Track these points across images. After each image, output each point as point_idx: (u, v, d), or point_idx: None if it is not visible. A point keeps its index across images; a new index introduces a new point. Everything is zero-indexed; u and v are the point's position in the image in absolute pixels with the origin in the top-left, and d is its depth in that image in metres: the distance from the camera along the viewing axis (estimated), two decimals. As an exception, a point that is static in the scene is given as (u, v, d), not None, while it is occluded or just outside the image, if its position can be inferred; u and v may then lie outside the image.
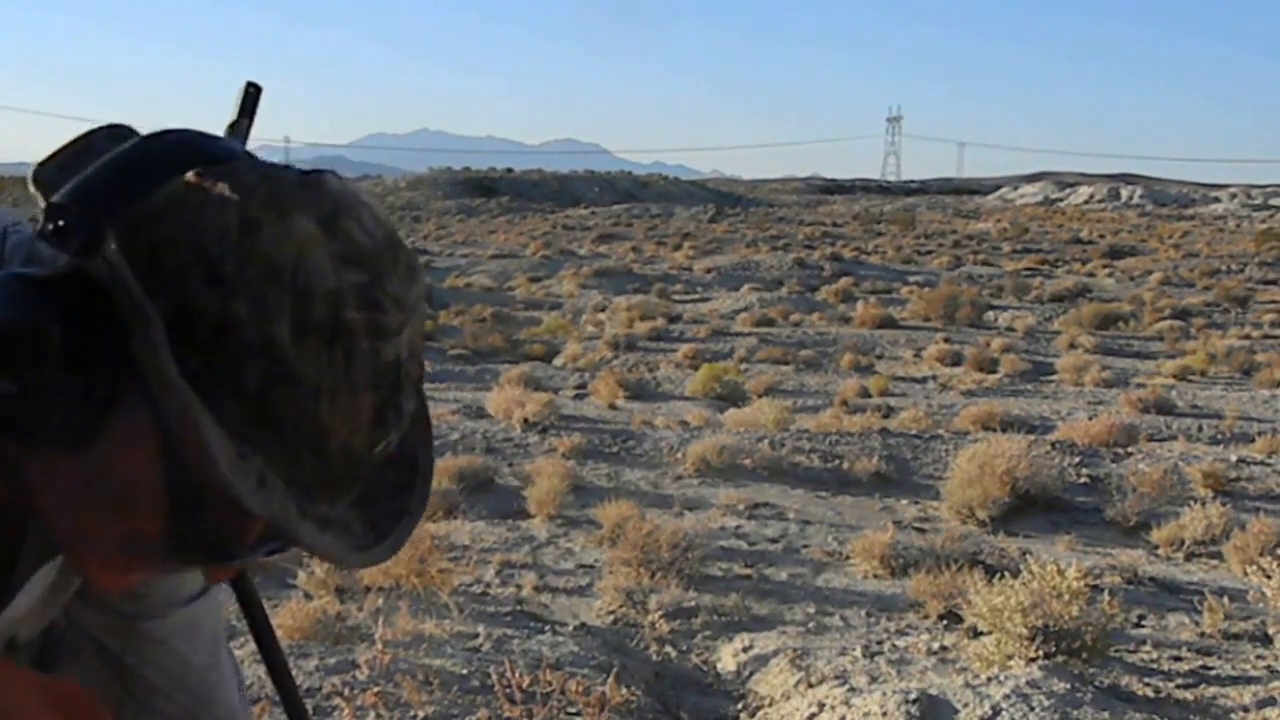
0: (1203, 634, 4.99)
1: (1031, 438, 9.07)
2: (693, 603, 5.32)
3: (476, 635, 4.43)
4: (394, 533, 0.81)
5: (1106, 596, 4.55)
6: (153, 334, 0.72)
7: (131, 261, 0.72)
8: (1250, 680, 4.37)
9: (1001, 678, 3.97)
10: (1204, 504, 7.14)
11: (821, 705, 3.95)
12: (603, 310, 26.67)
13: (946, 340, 21.26)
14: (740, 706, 4.31)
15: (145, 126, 0.83)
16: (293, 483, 0.75)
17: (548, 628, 4.74)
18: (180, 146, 0.78)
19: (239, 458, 0.73)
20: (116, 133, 0.81)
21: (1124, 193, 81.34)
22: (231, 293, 0.72)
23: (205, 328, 0.72)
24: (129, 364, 0.73)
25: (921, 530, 7.05)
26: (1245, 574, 5.73)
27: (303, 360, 0.73)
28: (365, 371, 0.75)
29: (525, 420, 10.20)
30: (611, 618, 5.18)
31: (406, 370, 0.78)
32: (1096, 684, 4.14)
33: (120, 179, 0.75)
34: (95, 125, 0.83)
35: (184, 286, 0.72)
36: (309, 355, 0.73)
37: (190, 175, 0.75)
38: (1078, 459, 8.65)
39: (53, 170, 0.78)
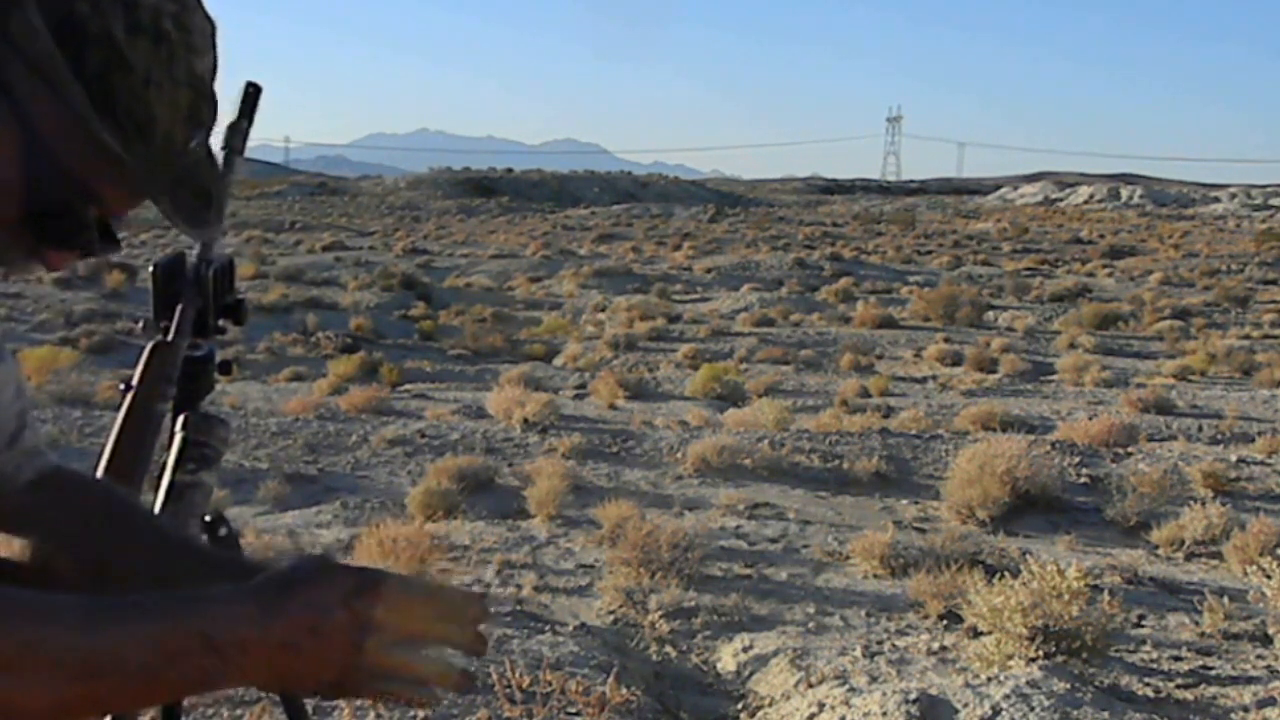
0: (1203, 634, 4.99)
1: (1031, 438, 9.07)
2: (693, 603, 5.32)
3: (476, 635, 4.42)
4: (212, 220, 1.01)
5: (1106, 596, 4.55)
6: (31, 19, 0.88)
7: None
8: (1250, 680, 4.37)
9: (1001, 678, 3.97)
10: (1204, 504, 7.13)
11: (821, 705, 3.95)
12: (603, 310, 26.67)
13: (946, 340, 21.26)
14: (740, 706, 4.31)
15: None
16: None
17: (548, 628, 4.74)
18: None
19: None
20: None
21: (1124, 193, 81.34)
22: None
23: (52, 21, 0.89)
24: None
25: (921, 530, 7.05)
26: (1245, 574, 5.73)
27: (134, 51, 0.91)
28: (183, 70, 0.94)
29: (525, 420, 10.20)
30: (611, 618, 5.18)
31: (211, 92, 0.98)
32: (1096, 684, 4.14)
33: None
34: None
35: None
36: (139, 48, 0.91)
37: None
38: (1078, 459, 8.65)
39: None
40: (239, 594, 0.82)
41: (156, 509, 1.35)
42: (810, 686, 4.26)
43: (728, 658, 4.77)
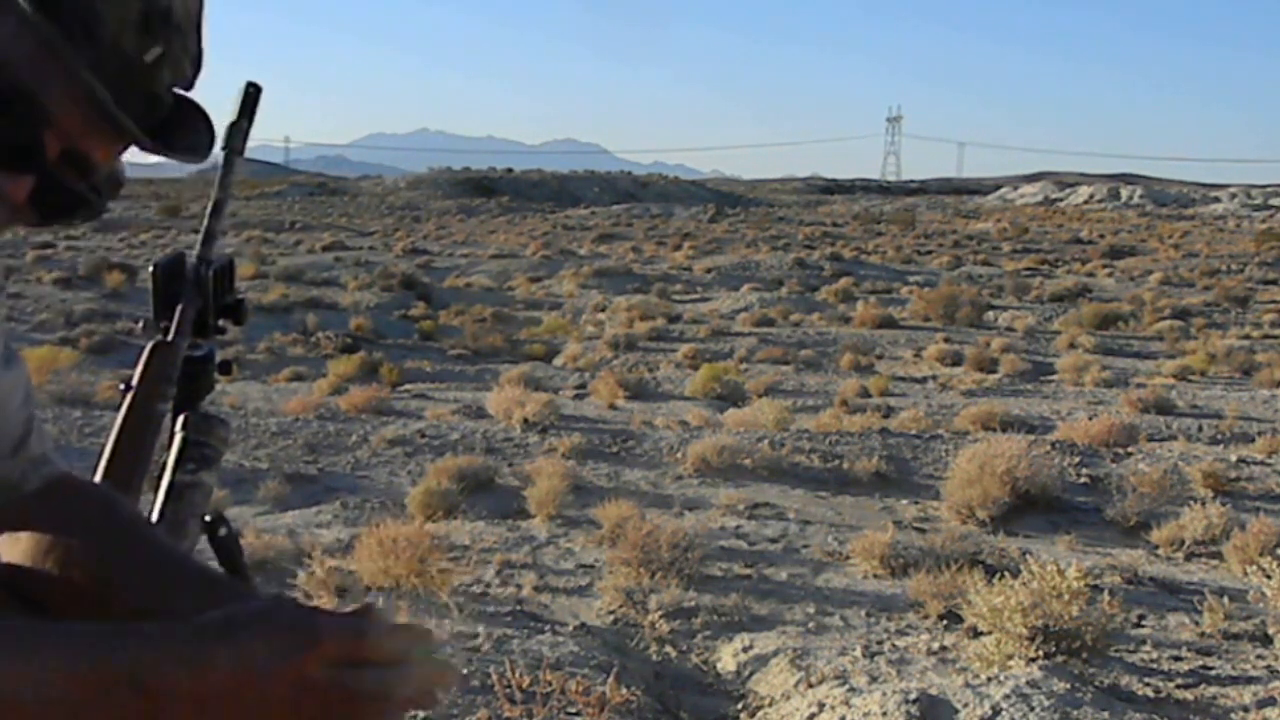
0: (1203, 634, 4.99)
1: (1031, 438, 9.07)
2: (693, 603, 5.32)
3: (476, 635, 4.43)
4: (192, 155, 1.01)
5: (1106, 596, 4.55)
6: None
7: None
8: (1250, 680, 4.37)
9: (1001, 678, 3.97)
10: (1204, 504, 7.13)
11: (821, 705, 3.94)
12: (603, 310, 26.67)
13: (946, 340, 21.26)
14: (740, 706, 4.31)
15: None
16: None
17: (548, 628, 4.74)
18: None
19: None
20: None
21: (1124, 193, 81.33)
22: None
23: None
24: None
25: (921, 530, 7.05)
26: (1245, 574, 5.73)
27: None
28: None
29: (525, 420, 10.19)
30: (611, 618, 5.18)
31: (179, 20, 0.96)
32: (1096, 684, 4.14)
33: None
34: None
35: None
36: None
37: None
38: (1078, 459, 8.65)
39: None
40: (175, 635, 0.77)
41: (156, 509, 1.35)
42: (810, 686, 4.26)
43: (728, 658, 4.77)
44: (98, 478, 1.32)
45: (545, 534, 6.78)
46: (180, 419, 1.40)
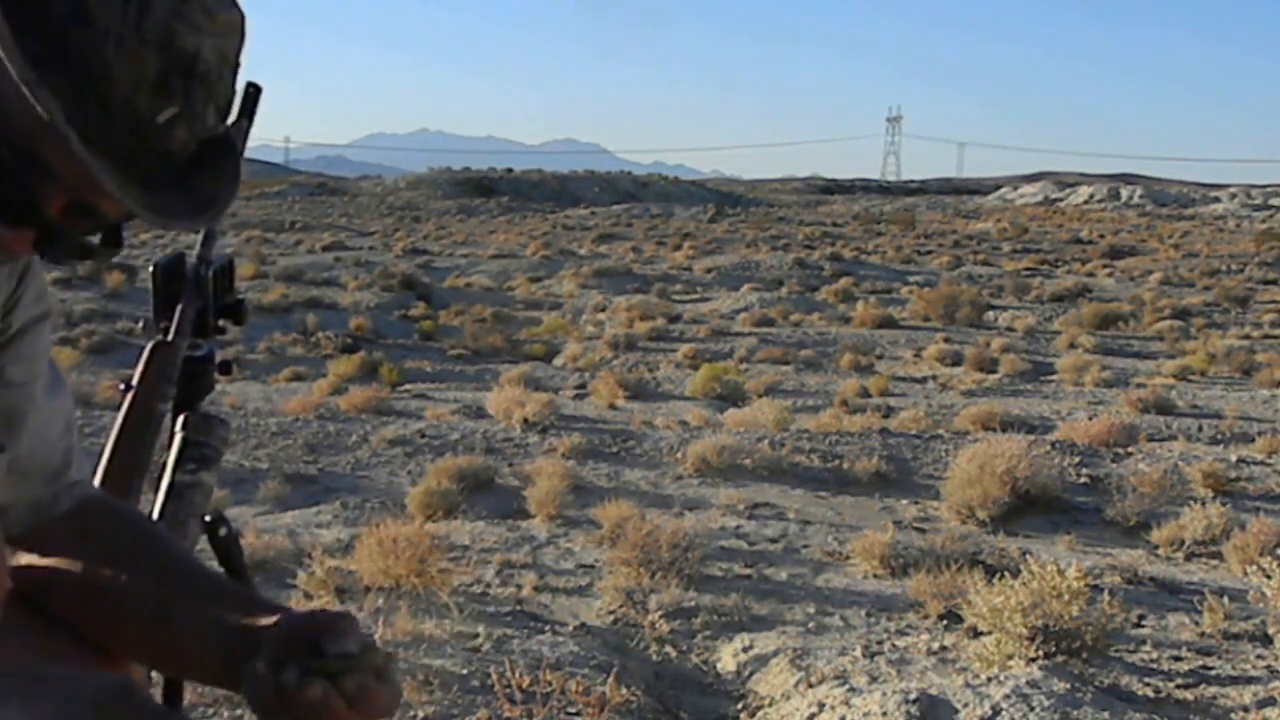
0: (1203, 634, 4.99)
1: (1031, 438, 9.06)
2: (693, 603, 5.32)
3: (476, 635, 4.43)
4: (204, 215, 0.96)
5: (1106, 596, 4.55)
6: None
7: None
8: (1250, 680, 4.37)
9: (1001, 678, 3.97)
10: (1204, 504, 7.13)
11: (821, 705, 3.94)
12: (603, 310, 26.67)
13: (946, 340, 21.26)
14: (740, 706, 4.31)
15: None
16: (87, 141, 0.85)
17: (548, 628, 4.74)
18: None
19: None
20: None
21: (1124, 193, 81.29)
22: None
23: None
24: None
25: (921, 530, 7.05)
26: (1245, 574, 5.72)
27: (101, 4, 0.84)
28: (155, 33, 0.86)
29: (525, 420, 10.19)
30: (611, 618, 5.18)
31: (205, 70, 0.90)
32: (1096, 684, 4.14)
33: None
34: None
35: None
36: (109, 2, 0.85)
37: None
38: (1078, 459, 8.65)
39: None
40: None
41: (156, 509, 1.35)
42: (810, 686, 4.26)
43: (728, 658, 4.77)
44: (98, 478, 1.32)
45: (545, 534, 6.78)
46: (180, 419, 1.40)
